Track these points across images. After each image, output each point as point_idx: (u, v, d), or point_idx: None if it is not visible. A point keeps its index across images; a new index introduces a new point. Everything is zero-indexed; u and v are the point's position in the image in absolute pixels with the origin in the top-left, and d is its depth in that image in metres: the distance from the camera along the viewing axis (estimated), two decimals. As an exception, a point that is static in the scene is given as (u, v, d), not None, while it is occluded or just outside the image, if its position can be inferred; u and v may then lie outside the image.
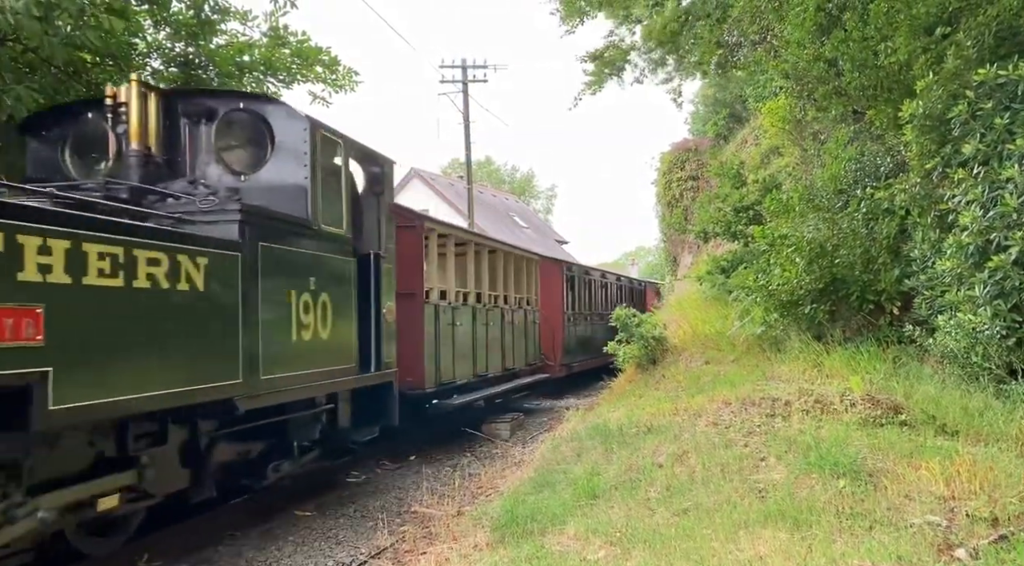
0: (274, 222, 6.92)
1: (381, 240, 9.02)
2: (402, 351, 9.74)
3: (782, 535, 4.73)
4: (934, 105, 7.97)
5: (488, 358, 13.64)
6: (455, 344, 12.04)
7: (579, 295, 20.68)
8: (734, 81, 21.15)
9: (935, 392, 7.34)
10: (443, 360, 11.54)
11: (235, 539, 7.25)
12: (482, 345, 13.36)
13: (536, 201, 69.84)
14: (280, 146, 7.49)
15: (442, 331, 11.52)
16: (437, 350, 11.33)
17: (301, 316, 7.09)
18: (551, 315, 18.13)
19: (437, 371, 11.30)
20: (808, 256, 9.69)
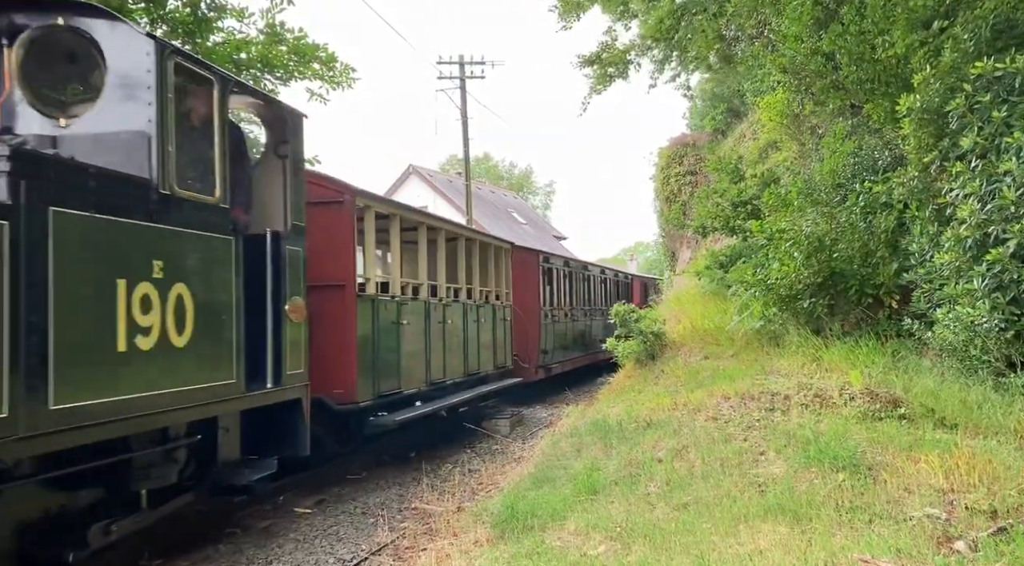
0: (82, 179, 4.88)
1: (286, 216, 7.18)
2: (325, 356, 8.31)
3: (782, 529, 4.74)
4: (932, 99, 7.97)
5: (447, 362, 11.73)
6: (401, 346, 10.08)
7: (559, 289, 19.00)
8: (732, 76, 21.14)
9: (934, 385, 7.35)
10: (384, 366, 9.55)
11: (235, 537, 7.26)
12: (438, 347, 11.38)
13: (535, 197, 69.81)
14: (115, 78, 5.58)
15: (383, 331, 9.56)
16: (375, 354, 9.34)
17: (136, 316, 5.13)
18: (526, 311, 16.37)
19: (375, 380, 9.31)
20: (806, 250, 9.69)
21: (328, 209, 8.91)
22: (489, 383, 13.88)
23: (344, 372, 8.77)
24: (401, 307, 10.19)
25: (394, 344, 9.91)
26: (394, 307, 10.02)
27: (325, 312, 8.49)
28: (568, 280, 19.86)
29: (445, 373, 11.70)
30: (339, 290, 8.86)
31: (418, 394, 10.70)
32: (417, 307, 10.84)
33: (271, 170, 7.38)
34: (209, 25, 12.67)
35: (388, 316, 9.79)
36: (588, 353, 20.79)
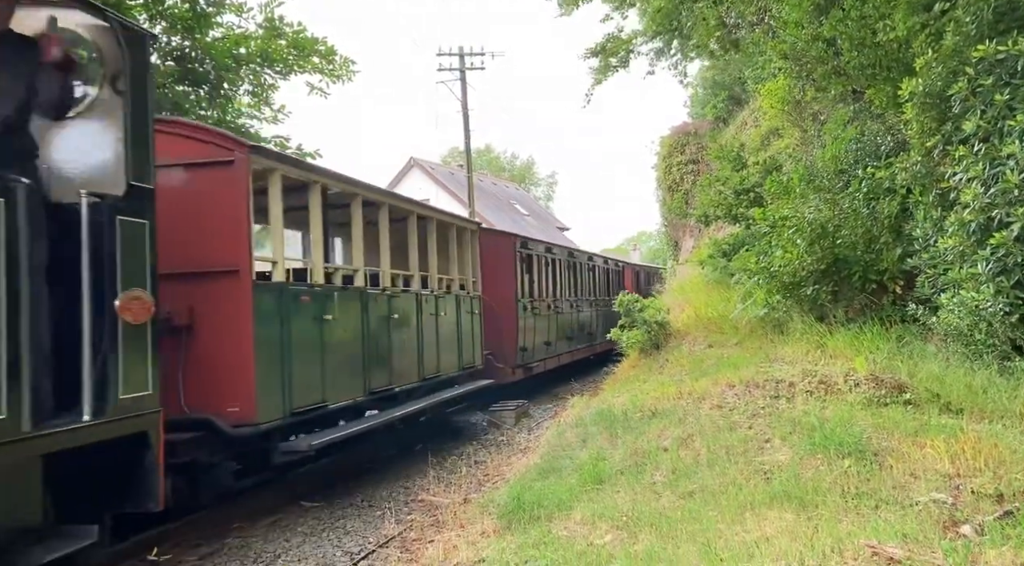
0: None
1: (124, 175, 5.36)
2: (214, 365, 6.84)
3: (788, 516, 4.75)
4: (934, 82, 7.93)
5: (394, 366, 9.85)
6: (326, 349, 8.17)
7: (540, 278, 16.97)
8: (733, 63, 21.07)
9: (939, 370, 7.34)
10: (300, 375, 7.66)
11: (243, 531, 7.29)
12: (380, 347, 9.51)
13: (537, 188, 69.71)
14: None
15: (298, 330, 7.72)
16: (286, 360, 7.46)
17: None
18: (500, 303, 14.45)
19: (287, 393, 7.44)
20: (809, 237, 9.67)
21: (213, 172, 7.10)
22: (453, 388, 11.95)
23: (240, 385, 6.94)
24: (327, 300, 8.29)
25: (315, 346, 7.99)
26: (318, 299, 8.15)
27: (212, 307, 6.93)
28: (551, 268, 17.95)
29: (392, 379, 9.78)
30: (230, 278, 7.02)
31: (354, 407, 8.96)
32: (349, 299, 8.91)
33: (104, 112, 5.55)
34: (208, 20, 12.66)
35: (306, 311, 7.93)
36: (578, 348, 19.53)
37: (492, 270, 14.37)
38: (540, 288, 16.93)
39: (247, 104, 14.15)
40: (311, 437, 7.94)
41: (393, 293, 10.05)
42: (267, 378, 7.18)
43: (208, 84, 13.00)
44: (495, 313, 14.23)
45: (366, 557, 6.51)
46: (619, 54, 16.27)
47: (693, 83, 28.86)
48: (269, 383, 7.21)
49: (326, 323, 8.20)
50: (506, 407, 13.33)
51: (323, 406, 8.09)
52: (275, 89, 14.21)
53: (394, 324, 9.95)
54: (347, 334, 8.75)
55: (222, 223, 7.08)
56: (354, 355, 8.88)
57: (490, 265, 14.30)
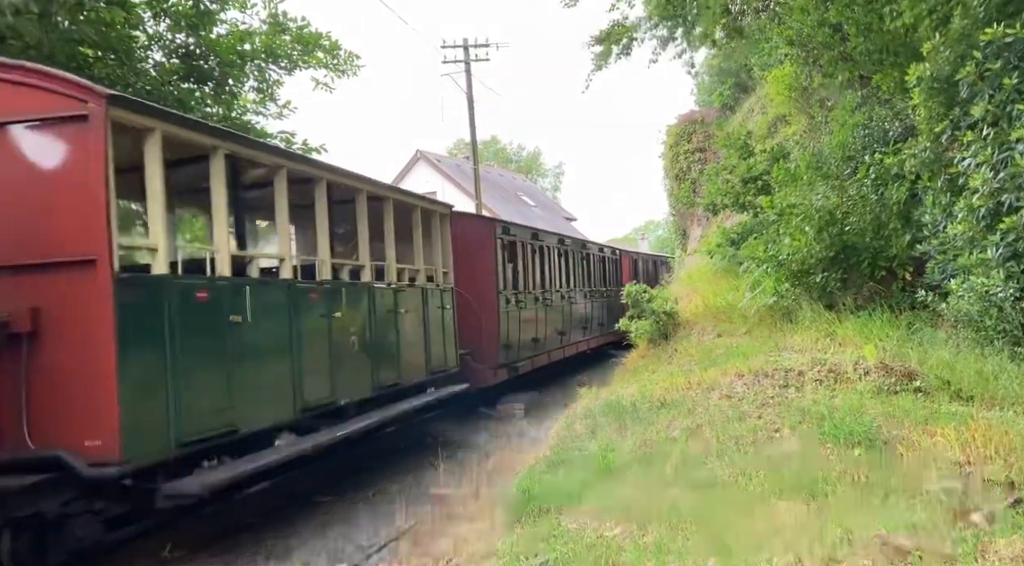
0: None
1: None
2: (65, 385, 5.37)
3: (798, 506, 4.73)
4: (941, 67, 7.87)
5: (336, 375, 8.19)
6: (236, 359, 6.55)
7: (526, 268, 15.33)
8: (739, 50, 20.93)
9: (949, 357, 7.30)
10: (195, 395, 6.03)
11: (255, 526, 7.32)
12: (318, 353, 7.88)
13: (544, 179, 69.62)
14: None
15: (189, 336, 6.02)
16: (171, 376, 5.82)
17: None
18: (478, 296, 12.91)
19: (173, 419, 5.81)
20: (818, 224, 9.63)
21: (59, 130, 5.54)
22: (420, 396, 10.40)
23: (99, 411, 5.34)
24: (235, 296, 6.59)
25: (218, 357, 6.36)
26: (219, 297, 6.42)
27: (61, 309, 5.40)
28: (539, 257, 16.25)
29: (334, 391, 8.15)
30: (83, 270, 5.42)
31: (277, 427, 7.25)
32: (271, 295, 7.33)
33: None
34: (212, 17, 12.66)
35: (205, 312, 6.27)
36: (570, 344, 17.93)
37: (468, 259, 12.83)
38: (526, 279, 15.26)
39: (252, 100, 14.16)
40: (207, 474, 5.99)
41: (334, 287, 8.39)
42: (139, 401, 5.51)
43: (213, 81, 13.01)
44: (472, 308, 12.73)
45: (378, 550, 6.54)
46: (622, 41, 16.15)
47: (699, 71, 28.67)
48: (142, 408, 5.54)
49: (235, 327, 6.45)
50: (516, 399, 13.33)
51: (231, 431, 6.37)
52: (280, 85, 14.21)
53: (337, 324, 8.25)
54: (268, 339, 7.08)
55: (72, 198, 5.44)
56: (280, 365, 7.21)
57: (466, 254, 12.75)
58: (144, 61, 12.54)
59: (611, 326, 21.14)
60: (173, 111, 7.31)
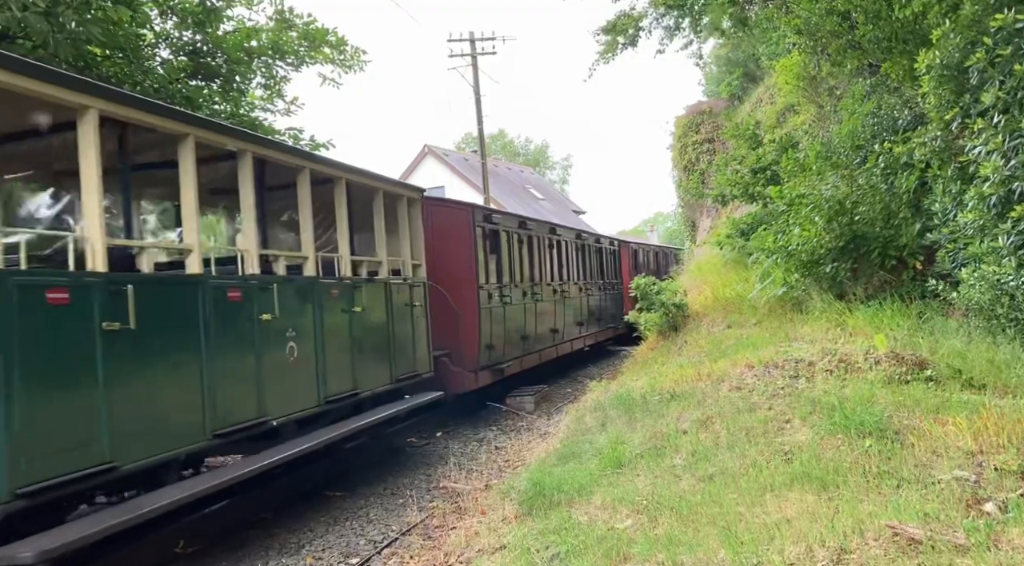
0: None
1: None
2: None
3: (809, 497, 4.72)
4: (951, 54, 7.79)
5: (266, 390, 6.80)
6: (115, 377, 5.21)
7: (512, 259, 13.95)
8: (747, 40, 20.80)
9: (961, 346, 7.26)
10: (47, 423, 4.71)
11: (267, 522, 7.36)
12: (238, 366, 6.55)
13: (551, 172, 69.50)
14: None
15: (40, 349, 4.73)
16: (3, 402, 4.46)
17: None
18: (456, 291, 11.67)
19: (5, 458, 4.44)
20: (827, 214, 9.58)
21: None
22: (383, 407, 8.88)
23: None
24: (112, 296, 5.23)
25: (84, 375, 5.01)
26: (86, 297, 5.08)
27: None
28: (527, 247, 14.81)
29: (262, 408, 6.73)
30: None
31: (188, 457, 6.07)
32: (170, 294, 5.98)
33: None
34: (218, 14, 12.67)
35: (65, 317, 4.92)
36: (564, 341, 16.68)
37: (444, 250, 11.62)
38: (513, 271, 13.87)
39: (260, 97, 14.18)
40: (46, 538, 4.57)
41: (263, 283, 6.91)
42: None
43: (220, 78, 13.03)
44: (449, 304, 11.49)
45: (389, 545, 6.57)
46: (628, 31, 16.08)
47: (707, 62, 28.53)
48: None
49: (111, 336, 5.13)
50: (525, 393, 13.35)
51: (104, 468, 5.02)
52: (287, 81, 14.22)
53: (265, 328, 6.81)
54: (167, 349, 5.75)
55: None
56: (184, 381, 5.89)
57: (441, 244, 11.56)
58: (151, 59, 12.58)
59: (611, 321, 20.63)
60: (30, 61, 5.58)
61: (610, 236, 24.66)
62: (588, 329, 18.82)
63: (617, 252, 23.21)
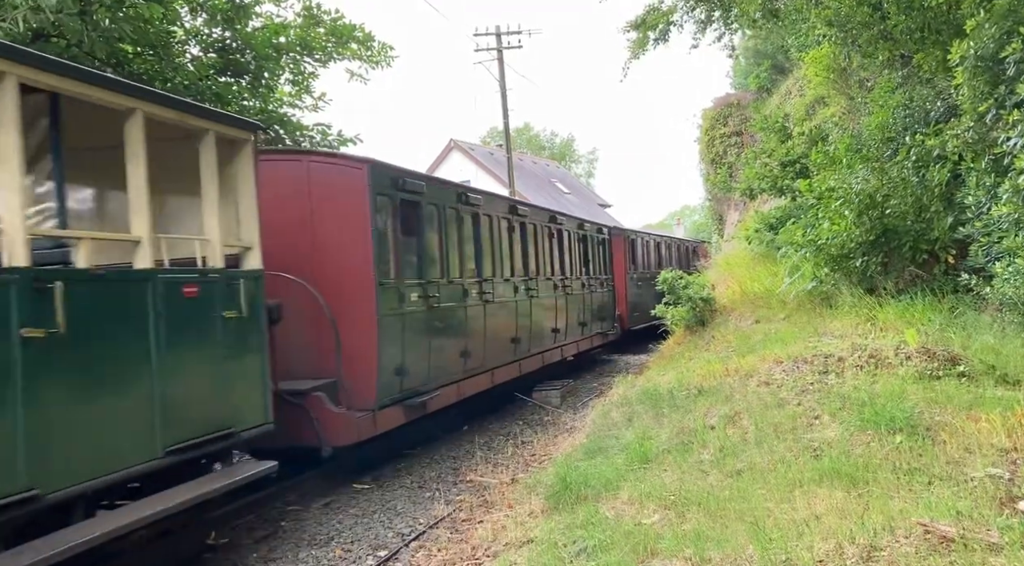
0: None
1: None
2: None
3: (838, 493, 4.69)
4: (986, 45, 7.67)
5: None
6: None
7: (444, 246, 10.01)
8: (776, 31, 20.58)
9: (994, 341, 7.16)
10: None
11: (297, 513, 7.45)
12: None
13: (577, 166, 69.30)
14: None
15: None
16: None
17: None
18: (337, 289, 8.04)
19: None
20: (857, 208, 9.48)
21: None
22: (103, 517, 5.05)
23: None
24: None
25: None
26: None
27: None
28: (472, 229, 11.08)
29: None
30: None
31: None
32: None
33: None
34: (247, 11, 12.78)
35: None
36: (531, 354, 13.01)
37: (313, 227, 8.19)
38: (445, 262, 10.02)
39: (288, 93, 14.28)
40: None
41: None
42: None
43: (249, 74, 13.14)
44: (321, 310, 7.89)
45: (417, 537, 6.62)
46: (658, 27, 15.95)
47: (737, 53, 28.27)
48: None
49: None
50: (552, 387, 13.35)
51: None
52: (315, 77, 14.31)
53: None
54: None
55: None
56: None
57: (307, 218, 8.20)
58: (181, 56, 12.72)
59: (599, 325, 17.46)
60: None
61: (599, 223, 20.42)
62: (568, 336, 15.14)
63: (608, 241, 19.40)
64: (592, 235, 18.03)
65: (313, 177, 8.39)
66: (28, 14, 7.96)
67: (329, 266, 8.14)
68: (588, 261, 17.39)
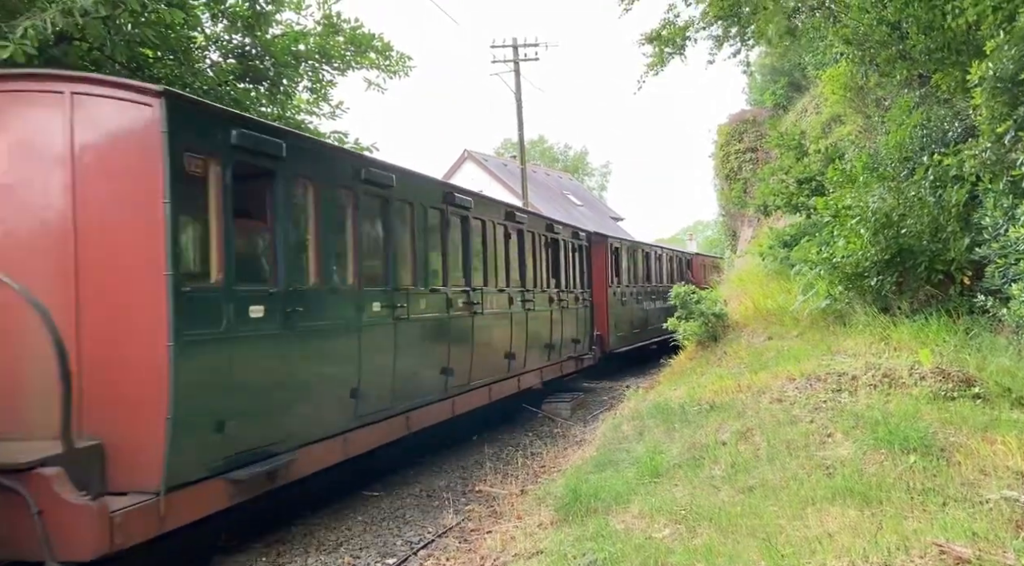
0: None
1: None
2: None
3: (851, 512, 4.67)
4: (1005, 66, 7.65)
5: None
6: None
7: (317, 232, 7.08)
8: (793, 49, 20.58)
9: (1010, 364, 7.11)
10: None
11: (306, 519, 7.45)
12: None
13: (590, 178, 69.36)
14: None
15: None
16: None
17: None
18: (104, 300, 5.33)
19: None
20: (873, 227, 9.45)
21: None
22: None
23: None
24: None
25: None
26: None
27: None
28: (378, 215, 8.30)
29: None
30: None
31: None
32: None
33: None
34: (268, 18, 12.88)
35: None
36: (465, 391, 10.12)
37: (72, 195, 5.44)
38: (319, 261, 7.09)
39: (306, 100, 14.37)
40: None
41: None
42: None
43: (268, 81, 13.23)
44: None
45: (425, 546, 6.61)
46: (675, 41, 15.98)
47: (753, 70, 28.31)
48: None
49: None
50: (562, 399, 13.32)
51: None
52: (333, 85, 14.38)
53: None
54: None
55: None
56: None
57: (60, 180, 5.46)
58: (201, 61, 12.82)
59: (572, 349, 15.06)
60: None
61: (575, 226, 17.77)
62: (528, 362, 12.60)
63: (586, 249, 16.94)
64: (565, 239, 15.32)
65: (78, 115, 5.45)
66: (57, 16, 8.05)
67: (90, 262, 5.35)
68: (559, 271, 14.78)
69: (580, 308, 15.94)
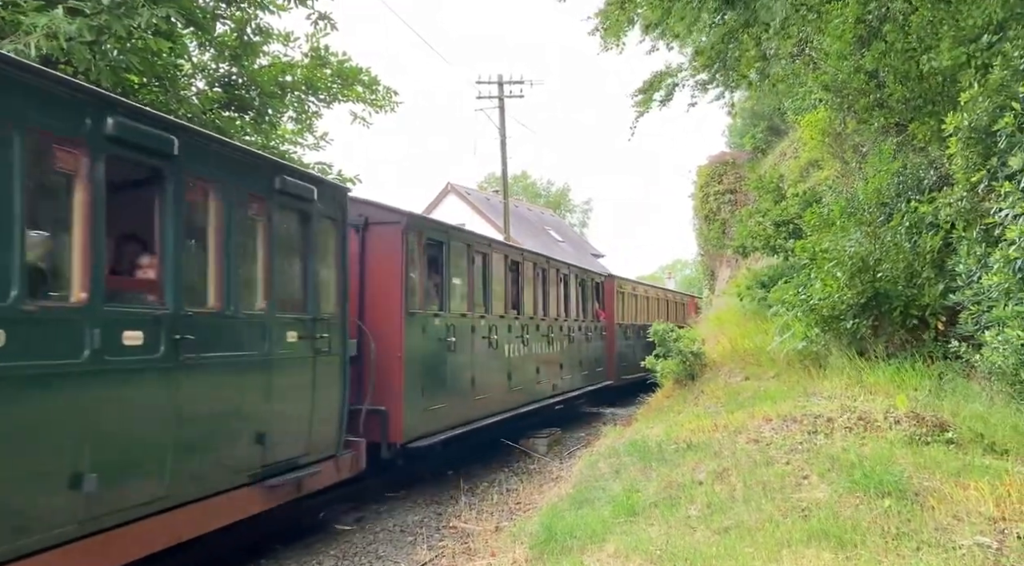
0: None
1: None
2: None
3: (826, 555, 4.66)
4: (979, 117, 7.84)
5: None
6: None
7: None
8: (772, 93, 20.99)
9: (983, 409, 7.18)
10: None
11: (276, 553, 7.32)
12: None
13: (572, 215, 69.82)
14: None
15: None
16: None
17: None
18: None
19: None
20: (850, 270, 9.56)
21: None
22: None
23: None
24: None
25: None
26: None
27: None
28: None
29: None
30: None
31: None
32: None
33: None
34: (255, 49, 12.95)
35: None
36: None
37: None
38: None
39: (291, 131, 14.42)
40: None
41: None
42: None
43: (253, 110, 13.28)
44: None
45: (397, 583, 6.51)
46: (662, 89, 16.31)
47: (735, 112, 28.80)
48: None
49: None
50: (539, 435, 13.26)
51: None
52: (318, 117, 14.46)
53: None
54: None
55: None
56: None
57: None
58: (187, 89, 12.85)
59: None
60: None
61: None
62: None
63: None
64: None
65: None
66: (42, 40, 8.06)
67: None
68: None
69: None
